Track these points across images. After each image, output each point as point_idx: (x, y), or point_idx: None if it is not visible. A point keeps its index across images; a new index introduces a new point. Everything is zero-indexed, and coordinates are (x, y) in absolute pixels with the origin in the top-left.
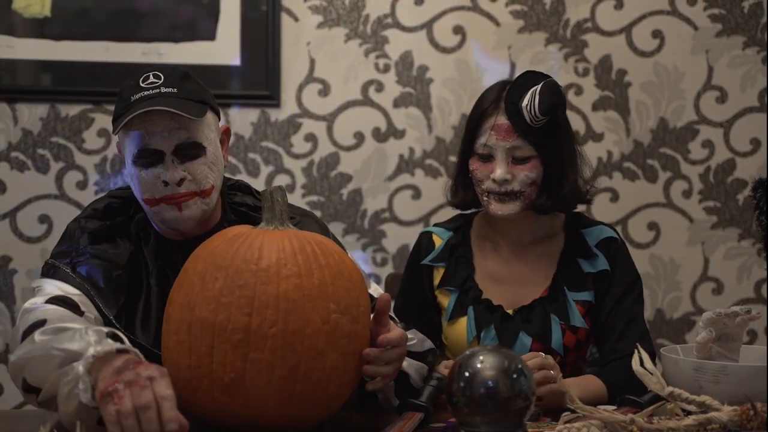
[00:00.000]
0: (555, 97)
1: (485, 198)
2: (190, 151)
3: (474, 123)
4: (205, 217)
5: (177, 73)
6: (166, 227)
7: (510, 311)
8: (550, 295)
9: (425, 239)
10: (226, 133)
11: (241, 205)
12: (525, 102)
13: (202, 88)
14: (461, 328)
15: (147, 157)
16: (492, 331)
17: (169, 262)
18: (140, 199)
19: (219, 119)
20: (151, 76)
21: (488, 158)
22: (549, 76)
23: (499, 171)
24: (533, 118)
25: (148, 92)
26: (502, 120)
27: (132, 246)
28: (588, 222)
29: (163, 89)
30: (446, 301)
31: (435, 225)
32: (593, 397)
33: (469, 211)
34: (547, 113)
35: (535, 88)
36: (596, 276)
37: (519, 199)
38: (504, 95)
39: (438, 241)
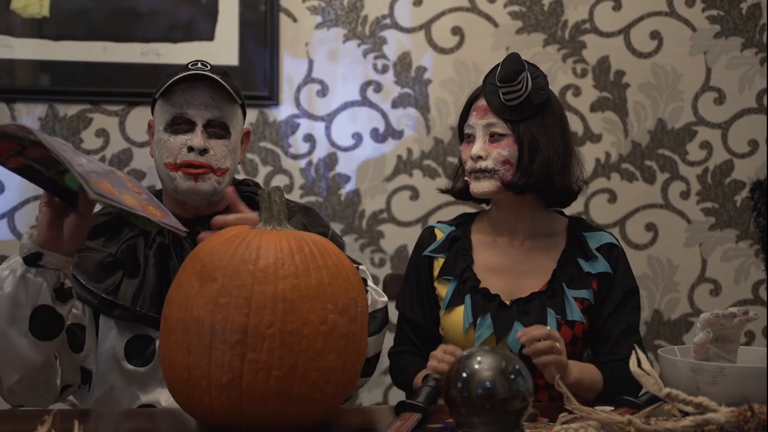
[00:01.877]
0: (514, 66)
1: (467, 179)
2: (219, 130)
3: (466, 108)
4: (216, 197)
5: (220, 68)
6: (177, 197)
7: (507, 302)
8: (549, 290)
9: (428, 233)
10: (247, 135)
11: (251, 194)
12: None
13: (238, 88)
14: (458, 316)
15: (179, 125)
16: (488, 319)
17: (175, 237)
18: (161, 165)
19: (244, 123)
20: (199, 63)
21: (471, 138)
22: (533, 65)
23: (475, 147)
24: (499, 89)
25: (195, 72)
26: (482, 101)
27: (138, 230)
28: (590, 227)
29: (208, 73)
30: (444, 290)
31: (438, 222)
32: (590, 382)
33: (473, 209)
34: (505, 81)
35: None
36: (597, 277)
37: (494, 177)
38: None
39: (440, 235)
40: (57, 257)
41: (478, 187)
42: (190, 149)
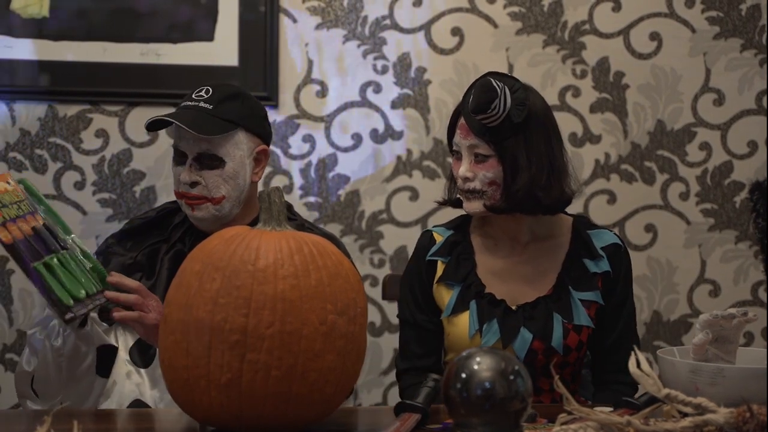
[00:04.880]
0: (484, 96)
1: (459, 196)
2: (209, 161)
3: (452, 123)
4: (222, 220)
5: (224, 92)
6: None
7: (513, 307)
8: (554, 294)
9: (426, 238)
10: (263, 153)
11: None
12: None
13: (243, 111)
14: (463, 323)
15: (178, 156)
16: (495, 325)
17: (193, 246)
18: None
19: (264, 142)
20: (203, 91)
21: (459, 156)
22: (511, 78)
23: (462, 168)
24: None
25: (189, 102)
26: (464, 120)
27: (165, 234)
28: (595, 226)
29: (201, 103)
30: (446, 297)
31: (435, 226)
32: None
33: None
34: (476, 112)
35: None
36: (603, 276)
37: (482, 198)
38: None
39: (438, 239)
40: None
41: (469, 207)
42: (183, 182)
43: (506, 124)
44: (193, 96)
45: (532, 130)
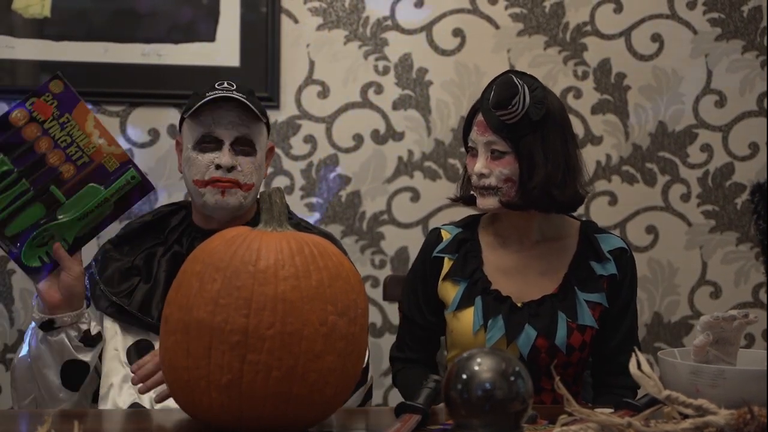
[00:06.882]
0: (506, 92)
1: (473, 192)
2: (246, 147)
3: (468, 120)
4: (242, 209)
5: (245, 87)
6: (206, 212)
7: (518, 304)
8: (560, 293)
9: (434, 235)
10: (271, 150)
11: None
12: None
13: (261, 107)
14: (467, 318)
15: (208, 143)
16: (500, 321)
17: (191, 247)
18: (190, 182)
19: (268, 139)
20: (225, 83)
21: (474, 152)
22: (530, 77)
23: (478, 164)
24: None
25: (222, 93)
26: (482, 116)
27: (162, 237)
28: (602, 230)
29: (235, 93)
30: (452, 292)
31: (443, 224)
32: None
33: (477, 212)
34: (497, 107)
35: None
36: (608, 279)
37: (497, 194)
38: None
39: (446, 236)
40: (68, 315)
41: (484, 203)
42: (218, 167)
43: (525, 122)
44: (218, 87)
45: (550, 129)
